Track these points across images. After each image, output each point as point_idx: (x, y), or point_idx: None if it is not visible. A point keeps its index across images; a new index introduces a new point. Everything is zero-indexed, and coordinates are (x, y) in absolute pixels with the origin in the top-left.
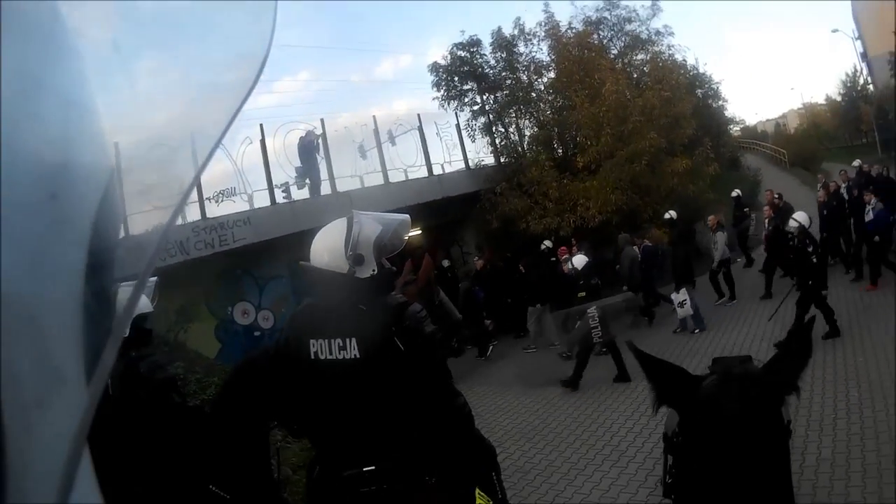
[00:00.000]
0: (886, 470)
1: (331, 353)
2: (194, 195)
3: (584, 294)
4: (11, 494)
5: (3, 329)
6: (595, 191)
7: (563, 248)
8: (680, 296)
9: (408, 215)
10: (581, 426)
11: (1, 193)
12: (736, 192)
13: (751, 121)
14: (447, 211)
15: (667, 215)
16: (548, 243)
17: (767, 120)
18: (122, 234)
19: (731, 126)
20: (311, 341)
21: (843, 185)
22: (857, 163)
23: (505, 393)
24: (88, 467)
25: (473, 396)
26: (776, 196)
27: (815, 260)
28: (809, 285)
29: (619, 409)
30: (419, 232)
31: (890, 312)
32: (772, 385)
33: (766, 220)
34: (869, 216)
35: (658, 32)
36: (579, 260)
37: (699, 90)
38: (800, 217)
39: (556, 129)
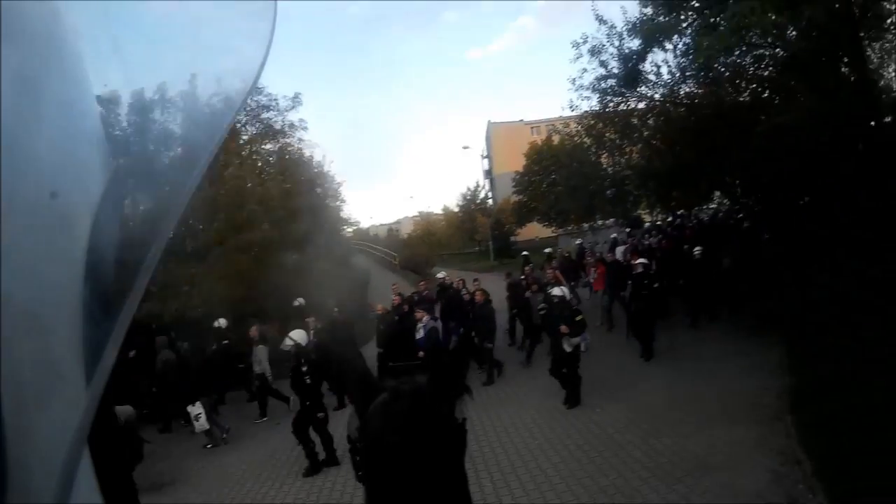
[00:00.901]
0: None
1: None
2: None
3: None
4: (11, 494)
5: (3, 329)
6: (201, 278)
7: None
8: (195, 409)
9: None
10: None
11: (1, 193)
12: (218, 323)
13: (365, 224)
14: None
15: (216, 323)
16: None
17: (381, 224)
18: (122, 233)
19: (345, 227)
20: None
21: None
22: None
23: None
24: (88, 467)
25: None
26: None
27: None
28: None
29: None
30: None
31: None
32: (434, 395)
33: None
34: (420, 334)
35: (292, 125)
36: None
37: (319, 188)
38: (295, 336)
39: None
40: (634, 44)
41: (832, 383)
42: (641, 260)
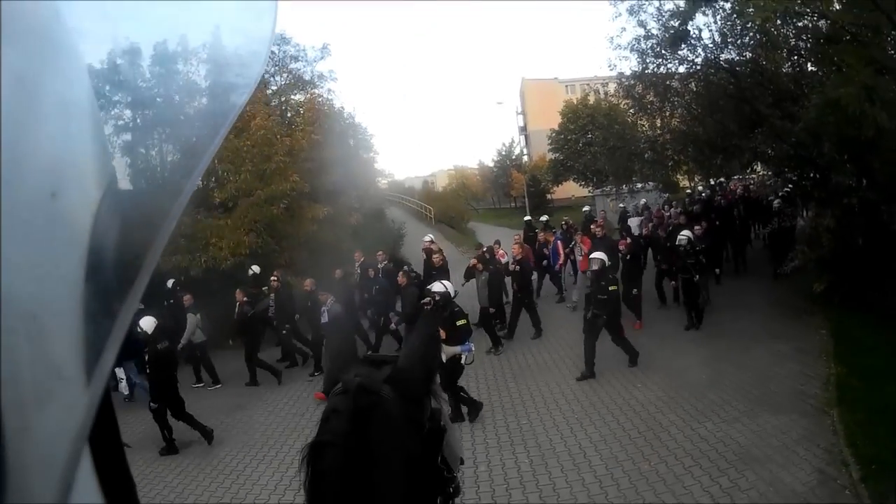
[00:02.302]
0: None
1: None
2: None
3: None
4: (11, 494)
5: (3, 329)
6: (229, 230)
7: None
8: (119, 371)
9: None
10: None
11: (1, 193)
12: (253, 270)
13: (400, 176)
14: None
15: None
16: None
17: (417, 177)
18: (122, 233)
19: (379, 178)
20: None
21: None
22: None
23: None
24: (89, 467)
25: None
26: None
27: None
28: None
29: None
30: None
31: None
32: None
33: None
34: (323, 318)
35: (321, 76)
36: None
37: (351, 139)
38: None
39: None
40: (673, 4)
41: (885, 376)
42: (685, 233)
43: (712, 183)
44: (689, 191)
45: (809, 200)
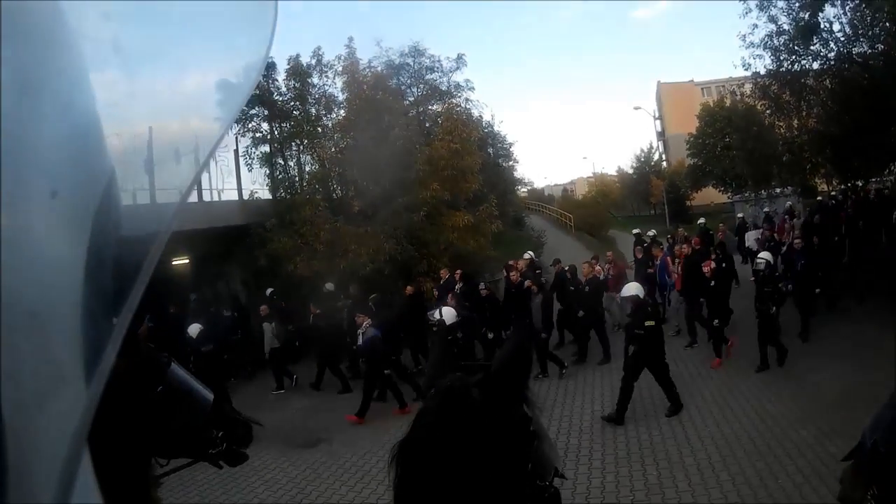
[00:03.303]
0: None
1: None
2: (194, 195)
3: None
4: (11, 494)
5: (3, 328)
6: (368, 237)
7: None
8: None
9: None
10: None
11: (1, 193)
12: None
13: (539, 184)
14: (214, 242)
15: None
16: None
17: (556, 185)
18: (122, 233)
19: (519, 187)
20: None
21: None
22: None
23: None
24: (88, 467)
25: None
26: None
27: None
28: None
29: None
30: (185, 261)
31: None
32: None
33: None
34: (359, 341)
35: (458, 86)
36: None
37: (490, 148)
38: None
39: (337, 169)
40: None
41: None
42: (765, 255)
43: (848, 186)
44: (819, 197)
45: None
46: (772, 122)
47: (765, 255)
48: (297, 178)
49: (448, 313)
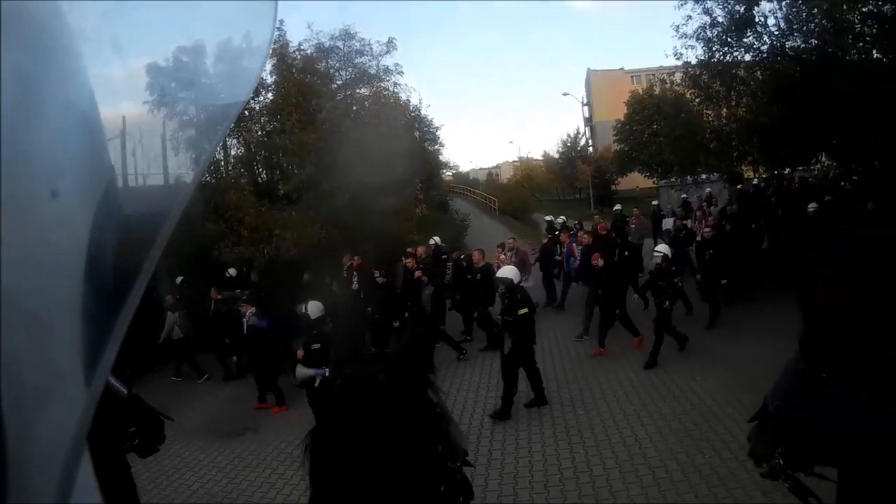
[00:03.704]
0: None
1: None
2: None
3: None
4: (11, 494)
5: (3, 328)
6: (294, 222)
7: None
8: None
9: None
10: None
11: (1, 192)
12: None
13: (465, 168)
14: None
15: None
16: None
17: (481, 168)
18: (122, 232)
19: (444, 170)
20: None
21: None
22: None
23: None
24: (88, 467)
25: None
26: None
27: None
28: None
29: None
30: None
31: None
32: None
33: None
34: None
35: (387, 70)
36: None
37: (417, 132)
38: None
39: (262, 153)
40: None
41: None
42: (662, 248)
43: (774, 174)
44: (739, 186)
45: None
46: (700, 111)
47: (662, 248)
48: (222, 163)
49: (313, 307)
